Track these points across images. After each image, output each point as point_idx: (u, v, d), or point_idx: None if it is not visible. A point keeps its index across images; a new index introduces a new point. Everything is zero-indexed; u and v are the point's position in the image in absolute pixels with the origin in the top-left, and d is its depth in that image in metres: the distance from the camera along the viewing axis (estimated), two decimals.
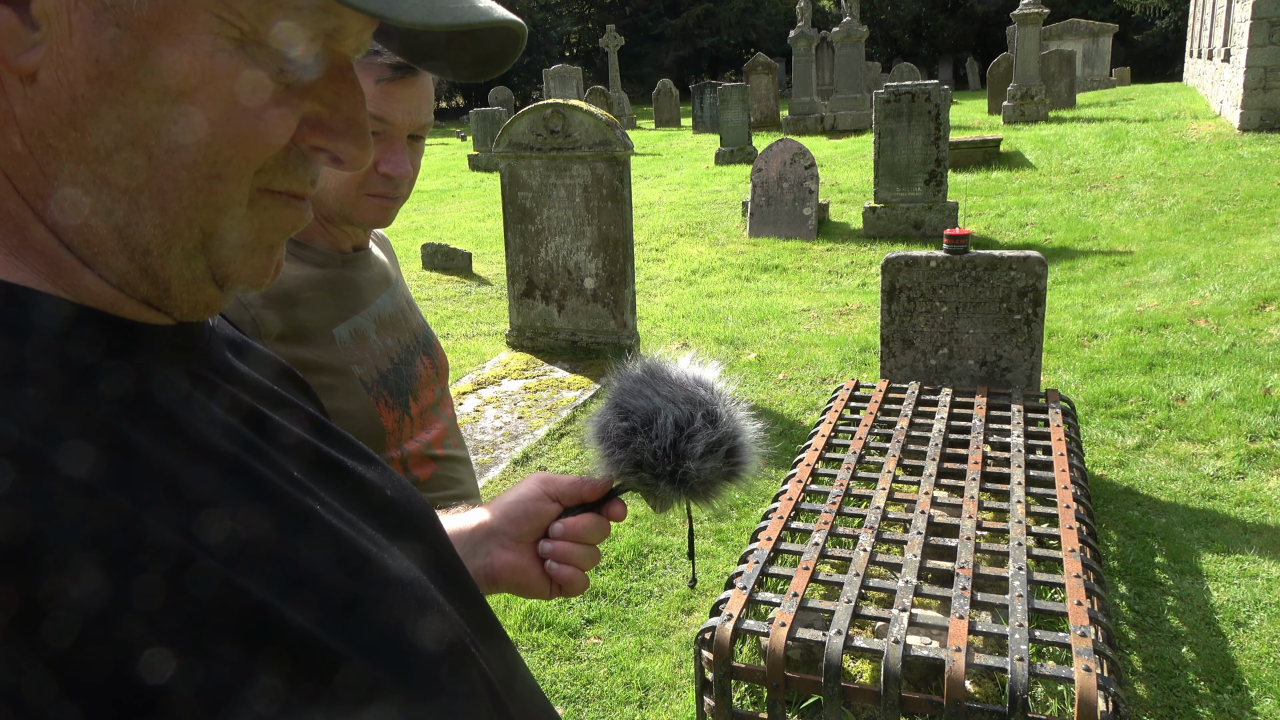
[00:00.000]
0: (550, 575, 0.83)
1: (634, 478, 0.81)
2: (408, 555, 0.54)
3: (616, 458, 0.81)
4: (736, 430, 0.82)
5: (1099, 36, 22.33)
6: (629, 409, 0.81)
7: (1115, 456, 4.18)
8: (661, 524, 3.77)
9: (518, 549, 0.83)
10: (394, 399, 1.26)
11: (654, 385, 0.82)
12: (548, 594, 0.84)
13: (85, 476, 0.37)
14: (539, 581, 0.83)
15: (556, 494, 0.84)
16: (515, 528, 0.83)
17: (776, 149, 8.94)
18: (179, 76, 0.42)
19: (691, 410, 0.80)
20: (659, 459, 0.79)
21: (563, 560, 0.82)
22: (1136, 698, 2.67)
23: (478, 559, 0.83)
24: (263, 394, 0.53)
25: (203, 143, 0.44)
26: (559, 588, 0.84)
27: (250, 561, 0.41)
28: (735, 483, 0.83)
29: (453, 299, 7.64)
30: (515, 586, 0.83)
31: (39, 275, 0.43)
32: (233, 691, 0.37)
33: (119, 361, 0.43)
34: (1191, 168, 10.19)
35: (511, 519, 0.83)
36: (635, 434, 0.80)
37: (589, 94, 20.89)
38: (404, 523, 0.59)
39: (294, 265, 1.21)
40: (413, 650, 0.47)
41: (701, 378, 0.83)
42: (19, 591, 0.33)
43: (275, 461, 0.48)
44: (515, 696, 0.60)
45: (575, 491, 0.84)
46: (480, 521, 0.84)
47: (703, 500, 0.82)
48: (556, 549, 0.82)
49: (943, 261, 3.93)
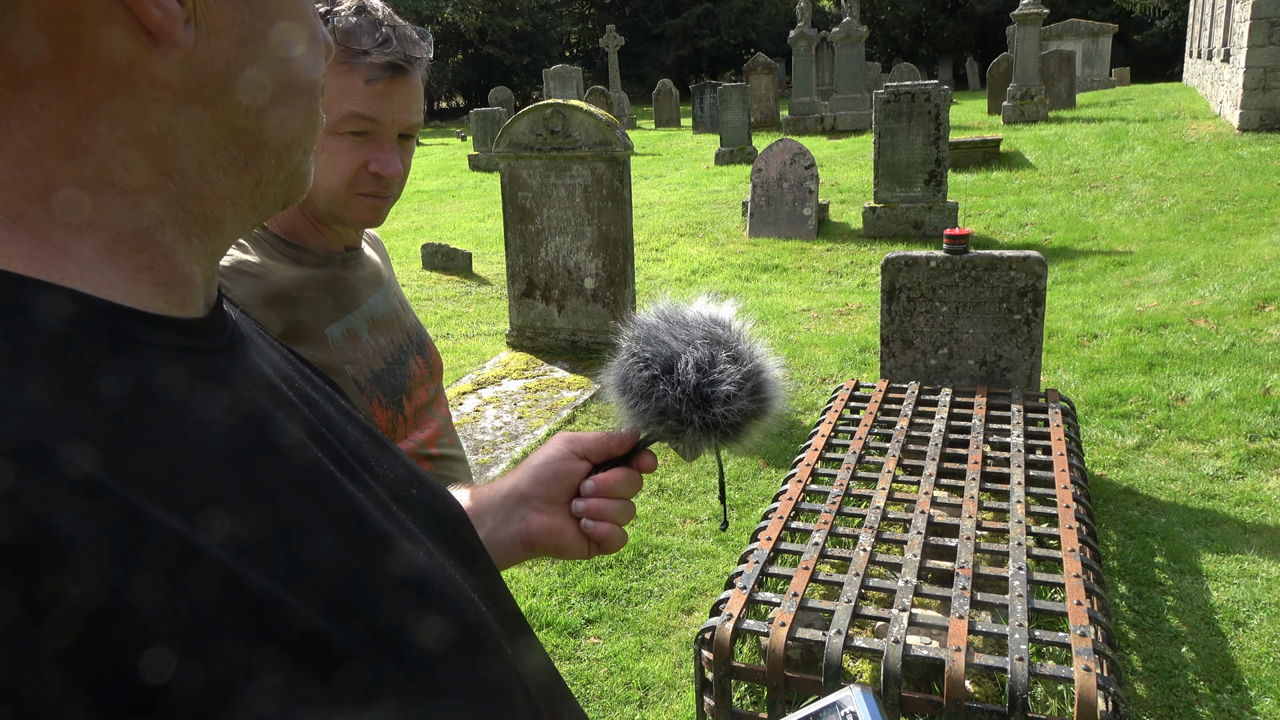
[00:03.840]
0: (587, 533, 0.82)
1: (661, 427, 0.79)
2: (430, 548, 0.54)
3: (641, 409, 0.78)
4: (760, 366, 0.79)
5: (1099, 36, 22.33)
6: (648, 356, 0.78)
7: (1115, 456, 4.18)
8: (662, 524, 3.77)
9: (551, 510, 0.82)
10: (387, 398, 1.26)
11: (670, 329, 0.79)
12: (586, 553, 0.83)
13: (87, 473, 0.37)
14: (576, 541, 0.83)
15: (584, 451, 0.83)
16: (546, 489, 0.82)
17: (776, 149, 8.94)
18: None
19: (712, 351, 0.77)
20: (685, 405, 0.77)
21: (598, 517, 0.82)
22: (1136, 698, 2.67)
23: (512, 525, 0.82)
24: (283, 388, 0.53)
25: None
26: (597, 545, 0.83)
27: (254, 558, 0.41)
28: (764, 420, 0.80)
29: (453, 299, 7.64)
30: (553, 549, 0.83)
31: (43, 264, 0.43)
32: (234, 690, 0.37)
33: (123, 354, 0.43)
34: (1191, 168, 10.19)
35: (541, 481, 0.82)
36: (657, 381, 0.77)
37: (589, 94, 20.90)
38: (429, 517, 0.58)
39: (289, 266, 1.21)
40: (426, 643, 0.47)
41: (718, 316, 0.81)
42: (19, 591, 0.33)
43: (284, 457, 0.48)
44: (552, 694, 0.60)
45: (603, 447, 0.83)
46: (511, 487, 0.83)
47: (733, 442, 0.80)
48: (590, 506, 0.82)
49: (943, 261, 3.93)
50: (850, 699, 0.65)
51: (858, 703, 0.64)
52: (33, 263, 0.42)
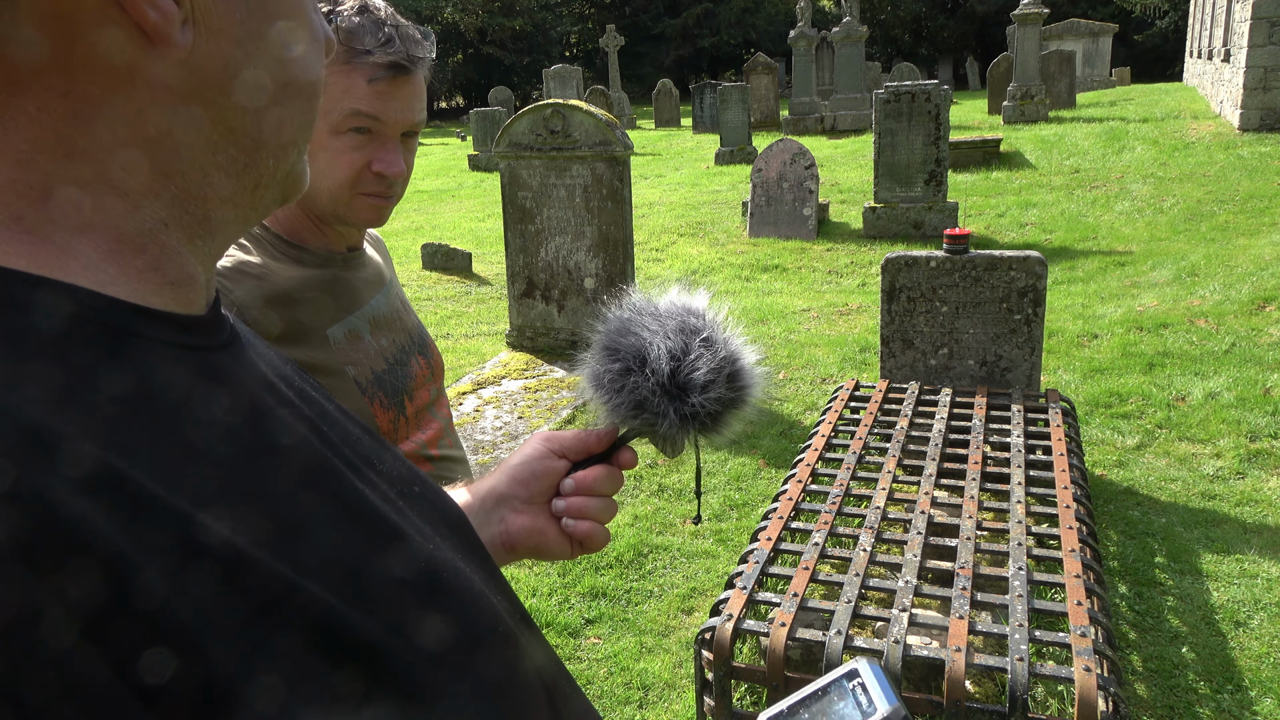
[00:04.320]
0: (568, 532, 0.81)
1: (638, 421, 0.77)
2: (438, 543, 0.54)
3: (615, 403, 0.76)
4: (735, 354, 0.77)
5: (1099, 36, 22.33)
6: (618, 348, 0.76)
7: (1115, 456, 4.18)
8: (662, 524, 3.77)
9: (531, 511, 0.81)
10: (389, 399, 1.25)
11: (643, 321, 0.77)
12: (569, 553, 0.82)
13: (90, 470, 0.37)
14: (558, 541, 0.81)
15: (562, 450, 0.81)
16: (525, 490, 0.81)
17: (776, 149, 8.94)
18: None
19: (685, 339, 0.75)
20: (659, 395, 0.75)
21: (578, 515, 0.80)
22: (1136, 698, 2.67)
23: (492, 527, 0.81)
24: (282, 387, 0.53)
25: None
26: (579, 545, 0.82)
27: (253, 559, 0.41)
28: (742, 409, 0.78)
29: (453, 299, 7.64)
30: (534, 550, 0.81)
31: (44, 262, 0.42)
32: (240, 684, 0.37)
33: (126, 350, 0.43)
34: (1191, 168, 10.19)
35: (520, 481, 0.81)
36: (630, 374, 0.75)
37: (589, 94, 20.89)
38: (434, 514, 0.58)
39: (290, 266, 1.21)
40: (431, 638, 0.47)
41: (691, 306, 0.78)
42: (19, 591, 0.33)
43: (289, 453, 0.48)
44: (562, 690, 0.60)
45: (581, 445, 0.81)
46: (489, 489, 0.82)
47: (712, 432, 0.77)
48: (570, 505, 0.80)
49: (943, 261, 3.93)
50: (861, 669, 0.65)
51: (867, 674, 0.64)
52: (34, 261, 0.42)
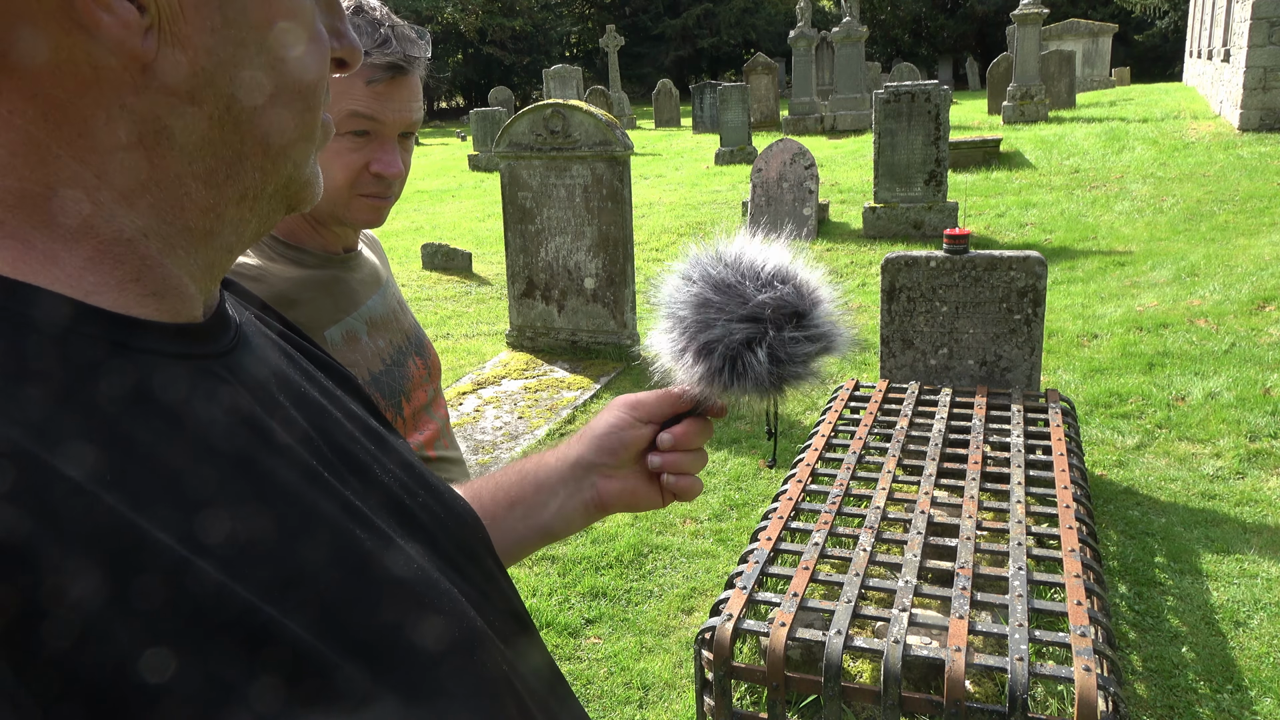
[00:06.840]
0: (669, 488, 0.86)
1: (735, 388, 0.77)
2: (421, 551, 0.54)
3: (707, 375, 0.77)
4: (833, 331, 0.79)
5: (1099, 36, 22.33)
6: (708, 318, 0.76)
7: (1115, 456, 4.18)
8: (662, 524, 3.77)
9: (621, 475, 0.86)
10: (386, 400, 1.25)
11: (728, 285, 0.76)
12: (660, 503, 0.88)
13: (85, 476, 0.37)
14: (649, 496, 0.87)
15: (648, 416, 0.85)
16: (614, 458, 0.85)
17: (776, 149, 8.94)
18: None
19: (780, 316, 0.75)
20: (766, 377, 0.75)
21: (676, 470, 0.85)
22: (1136, 698, 2.67)
23: (584, 493, 0.86)
24: (278, 394, 0.53)
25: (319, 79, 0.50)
26: (671, 495, 0.87)
27: (247, 563, 0.41)
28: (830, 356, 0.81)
29: (453, 299, 7.64)
30: (627, 506, 0.87)
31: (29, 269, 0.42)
32: (230, 693, 0.37)
33: (121, 359, 0.43)
34: (1191, 168, 10.19)
35: (608, 450, 0.85)
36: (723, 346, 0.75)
37: (589, 94, 20.89)
38: (431, 521, 0.58)
39: (288, 267, 1.21)
40: (412, 650, 0.47)
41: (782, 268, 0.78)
42: (18, 591, 0.33)
43: (273, 466, 0.47)
44: (550, 696, 0.60)
45: (667, 408, 0.85)
46: (578, 457, 0.86)
47: (794, 388, 0.79)
48: (667, 461, 0.85)
49: (942, 261, 3.93)
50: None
51: None
52: (19, 267, 0.41)
